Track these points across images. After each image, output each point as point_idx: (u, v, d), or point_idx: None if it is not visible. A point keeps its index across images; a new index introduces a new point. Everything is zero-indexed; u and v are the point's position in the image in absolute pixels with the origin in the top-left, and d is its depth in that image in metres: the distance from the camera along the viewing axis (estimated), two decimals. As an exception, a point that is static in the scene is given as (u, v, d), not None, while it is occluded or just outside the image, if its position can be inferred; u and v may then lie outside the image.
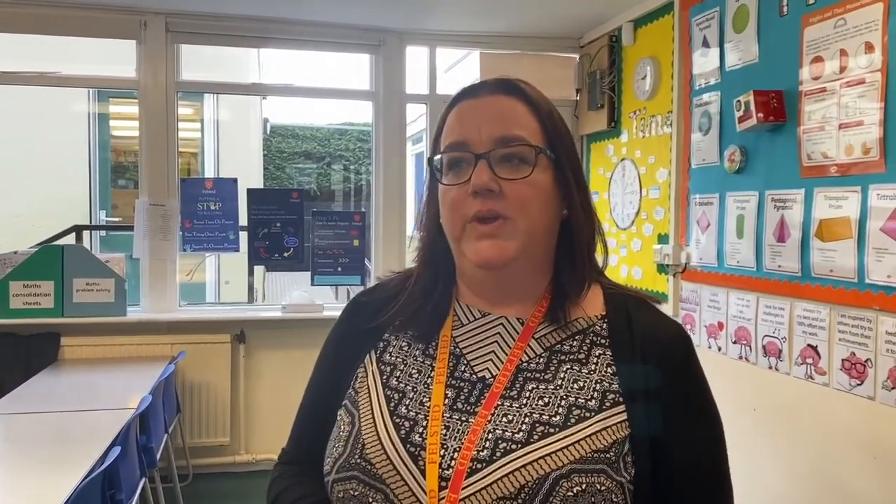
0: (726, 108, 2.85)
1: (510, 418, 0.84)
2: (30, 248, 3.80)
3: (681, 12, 3.21)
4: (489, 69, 5.42)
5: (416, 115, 5.17)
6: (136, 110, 3.93)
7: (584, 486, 0.79)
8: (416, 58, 4.22)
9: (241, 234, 4.08)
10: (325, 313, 4.02)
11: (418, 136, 7.90)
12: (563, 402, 0.85)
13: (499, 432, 0.83)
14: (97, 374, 3.44)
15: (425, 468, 0.81)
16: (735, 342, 2.80)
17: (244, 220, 4.09)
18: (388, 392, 0.90)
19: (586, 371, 0.88)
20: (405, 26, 4.07)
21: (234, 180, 4.15)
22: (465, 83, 0.97)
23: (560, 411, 0.84)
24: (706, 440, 0.89)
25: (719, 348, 2.89)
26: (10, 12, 3.68)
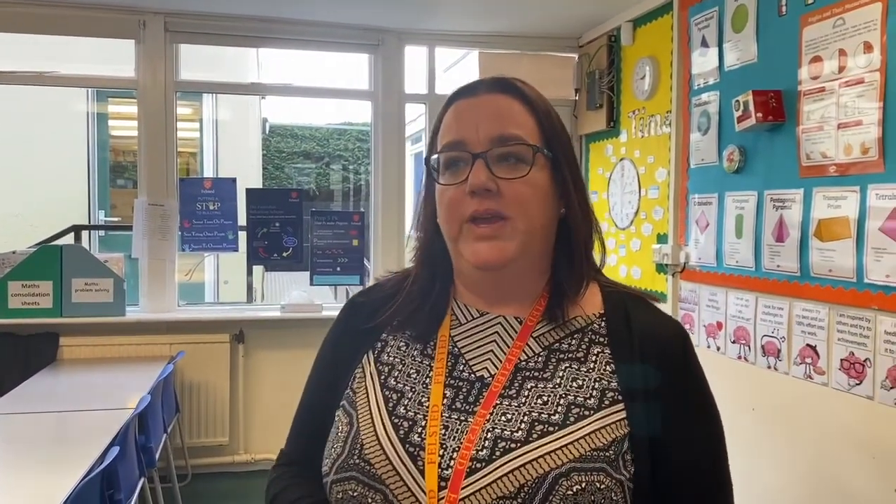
0: (725, 108, 2.85)
1: (509, 417, 0.84)
2: (28, 248, 3.80)
3: (680, 12, 3.21)
4: (488, 69, 5.41)
5: (416, 115, 5.17)
6: (135, 110, 3.93)
7: (583, 485, 0.79)
8: (415, 57, 4.22)
9: (240, 233, 4.07)
10: (324, 313, 4.02)
11: (417, 135, 7.91)
12: (561, 401, 0.85)
13: (498, 431, 0.82)
14: (96, 374, 3.44)
15: (424, 468, 0.81)
16: (734, 342, 2.80)
17: (243, 219, 4.09)
18: (387, 392, 0.90)
19: (585, 369, 0.88)
20: (404, 26, 4.07)
21: (232, 180, 4.15)
22: (463, 83, 0.96)
23: (559, 410, 0.84)
24: (706, 438, 0.89)
25: (718, 348, 2.89)
26: (8, 12, 3.68)
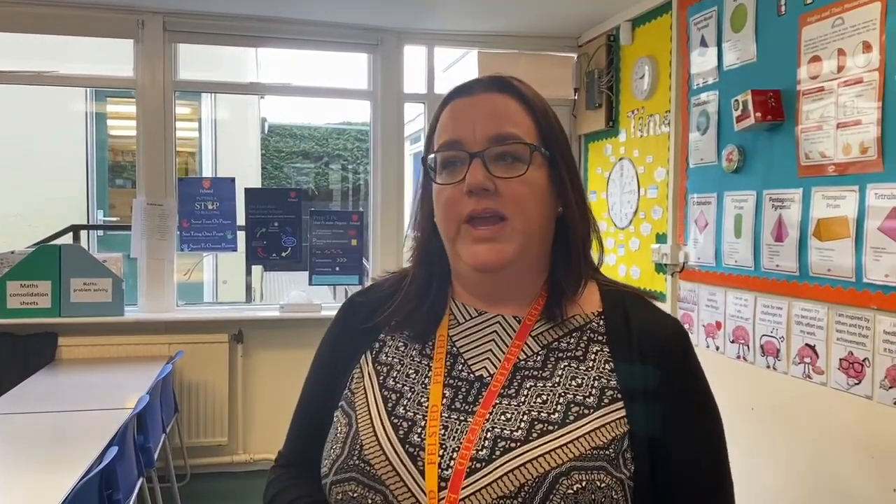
0: (724, 108, 2.85)
1: (509, 417, 0.83)
2: (27, 248, 3.79)
3: (679, 12, 3.21)
4: (487, 68, 5.41)
5: (415, 115, 5.17)
6: (134, 110, 3.93)
7: (584, 484, 0.78)
8: (414, 57, 4.22)
9: (239, 233, 4.07)
10: (323, 313, 4.01)
11: (416, 135, 7.91)
12: (561, 400, 0.85)
13: (497, 431, 0.82)
14: (94, 374, 3.43)
15: (424, 468, 0.81)
16: (733, 342, 2.80)
17: (242, 219, 4.09)
18: (386, 392, 0.90)
19: (584, 368, 0.87)
20: (403, 26, 4.07)
21: (231, 180, 4.14)
22: (460, 82, 0.96)
23: (559, 409, 0.84)
24: (706, 437, 0.89)
25: (717, 348, 2.89)
26: (7, 11, 3.68)
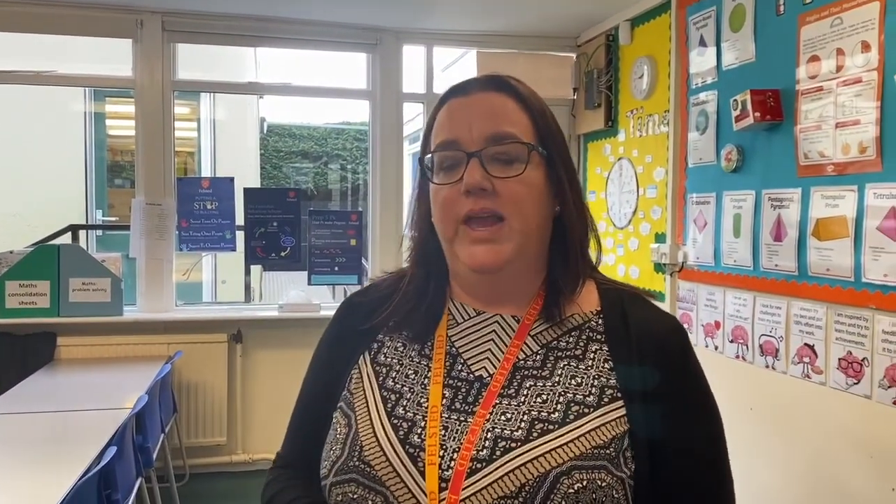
0: (723, 108, 2.85)
1: (509, 417, 0.83)
2: (26, 248, 3.78)
3: (678, 11, 3.21)
4: (486, 68, 5.40)
5: (413, 115, 5.16)
6: (133, 109, 3.93)
7: (584, 483, 0.78)
8: (413, 57, 4.22)
9: (238, 233, 4.07)
10: (322, 313, 4.01)
11: (415, 135, 7.89)
12: (561, 399, 0.85)
13: (498, 431, 0.82)
14: (93, 374, 3.43)
15: (425, 469, 0.81)
16: (732, 341, 2.80)
17: (241, 219, 4.08)
18: (385, 393, 0.90)
19: (583, 367, 0.87)
20: (402, 25, 4.07)
21: (230, 179, 4.14)
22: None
23: (559, 408, 0.84)
24: (705, 435, 0.89)
25: (716, 347, 2.89)
26: (6, 11, 3.67)
